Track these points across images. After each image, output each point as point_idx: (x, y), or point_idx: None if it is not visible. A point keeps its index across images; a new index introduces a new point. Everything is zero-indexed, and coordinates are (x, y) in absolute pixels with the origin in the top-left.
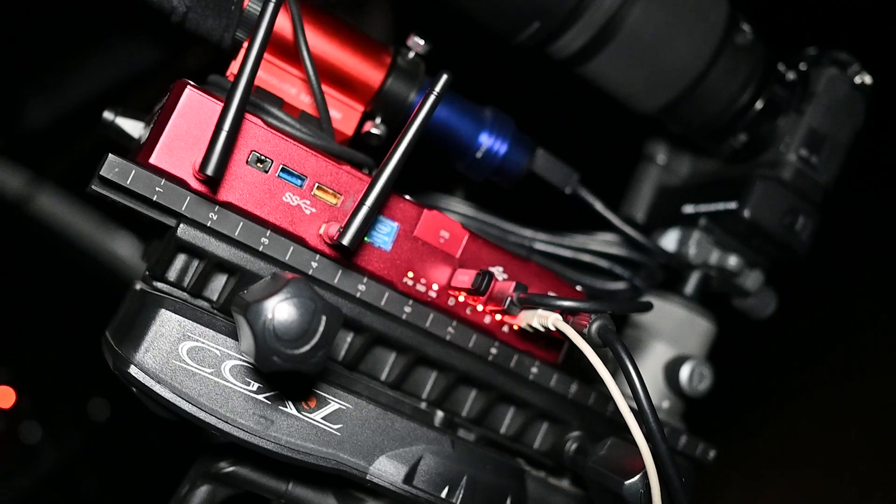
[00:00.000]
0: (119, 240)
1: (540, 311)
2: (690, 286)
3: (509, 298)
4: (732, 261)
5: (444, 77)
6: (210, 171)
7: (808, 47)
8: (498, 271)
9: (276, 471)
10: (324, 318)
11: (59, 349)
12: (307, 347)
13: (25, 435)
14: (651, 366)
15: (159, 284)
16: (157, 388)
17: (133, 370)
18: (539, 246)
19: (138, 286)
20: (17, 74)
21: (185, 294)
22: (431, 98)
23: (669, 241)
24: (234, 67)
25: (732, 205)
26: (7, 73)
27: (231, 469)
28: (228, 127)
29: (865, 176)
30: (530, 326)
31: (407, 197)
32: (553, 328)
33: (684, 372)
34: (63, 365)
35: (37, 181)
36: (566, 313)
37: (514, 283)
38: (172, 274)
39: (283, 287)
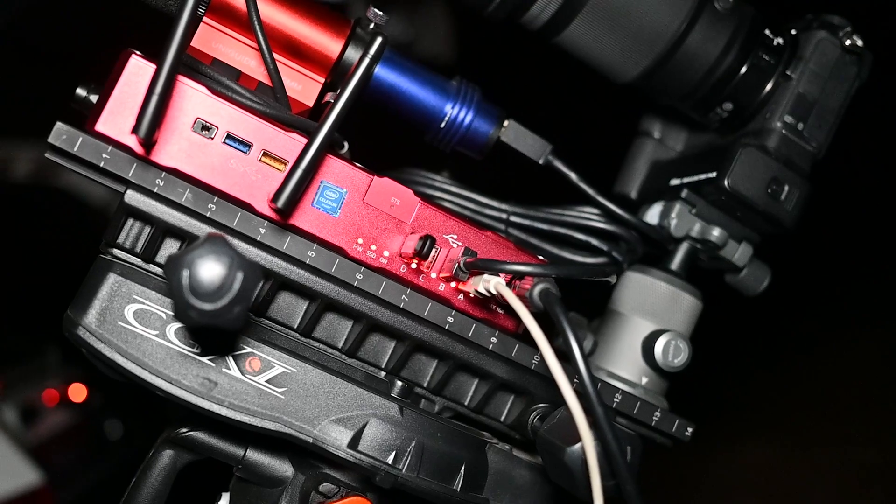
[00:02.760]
0: None
1: (485, 276)
2: (676, 261)
3: (458, 264)
4: (716, 233)
5: (379, 40)
6: (142, 132)
7: (806, 14)
8: (451, 239)
9: (234, 437)
10: (240, 274)
11: None
12: (223, 302)
13: (105, 430)
14: (632, 342)
15: (116, 251)
16: (103, 349)
17: (80, 331)
18: (515, 219)
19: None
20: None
21: (138, 259)
22: (366, 61)
23: (653, 214)
24: (194, 42)
25: (713, 174)
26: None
27: (188, 433)
28: (160, 89)
29: (864, 144)
30: (477, 292)
31: (357, 165)
32: (495, 292)
33: (659, 345)
34: None
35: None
36: (515, 277)
37: (462, 249)
38: (126, 240)
39: (200, 243)
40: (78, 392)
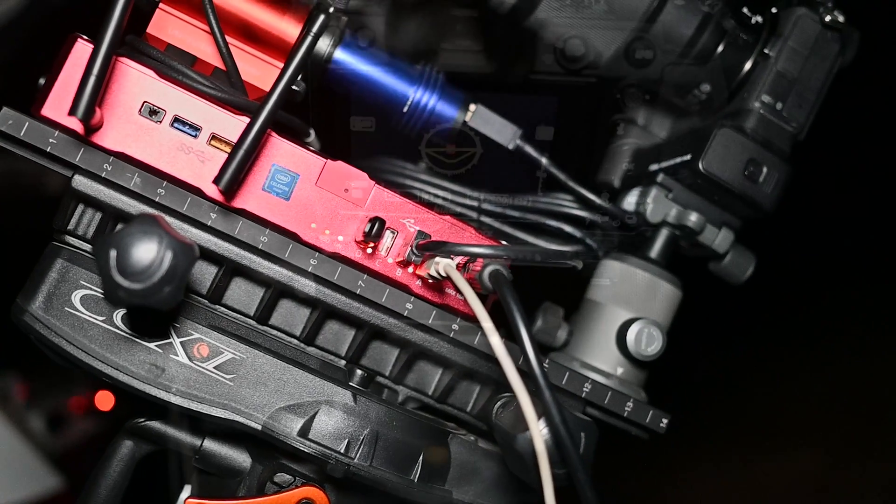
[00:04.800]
0: None
1: (437, 259)
2: (655, 248)
3: (410, 247)
4: (693, 218)
5: (321, 17)
6: (79, 113)
7: None
8: (409, 223)
9: (191, 427)
10: (169, 253)
11: None
12: (152, 281)
13: None
14: (607, 331)
15: (67, 237)
16: (50, 336)
17: (27, 318)
18: (488, 206)
19: None
20: None
21: (89, 245)
22: (308, 38)
23: (630, 200)
24: (150, 28)
25: (688, 157)
26: None
27: (144, 423)
28: (97, 69)
29: (850, 125)
30: (429, 275)
31: (311, 148)
32: (444, 274)
33: (632, 333)
34: None
35: None
36: (469, 261)
37: (416, 232)
38: (77, 226)
39: (130, 222)
40: (105, 400)
